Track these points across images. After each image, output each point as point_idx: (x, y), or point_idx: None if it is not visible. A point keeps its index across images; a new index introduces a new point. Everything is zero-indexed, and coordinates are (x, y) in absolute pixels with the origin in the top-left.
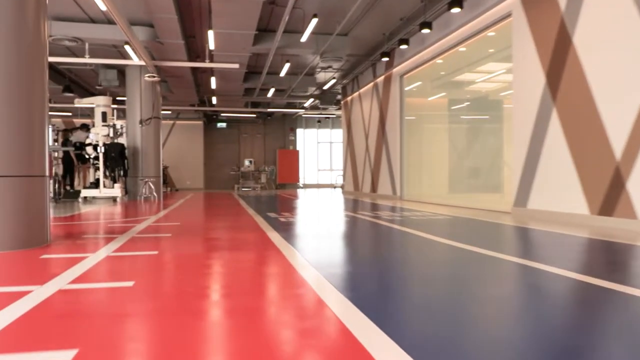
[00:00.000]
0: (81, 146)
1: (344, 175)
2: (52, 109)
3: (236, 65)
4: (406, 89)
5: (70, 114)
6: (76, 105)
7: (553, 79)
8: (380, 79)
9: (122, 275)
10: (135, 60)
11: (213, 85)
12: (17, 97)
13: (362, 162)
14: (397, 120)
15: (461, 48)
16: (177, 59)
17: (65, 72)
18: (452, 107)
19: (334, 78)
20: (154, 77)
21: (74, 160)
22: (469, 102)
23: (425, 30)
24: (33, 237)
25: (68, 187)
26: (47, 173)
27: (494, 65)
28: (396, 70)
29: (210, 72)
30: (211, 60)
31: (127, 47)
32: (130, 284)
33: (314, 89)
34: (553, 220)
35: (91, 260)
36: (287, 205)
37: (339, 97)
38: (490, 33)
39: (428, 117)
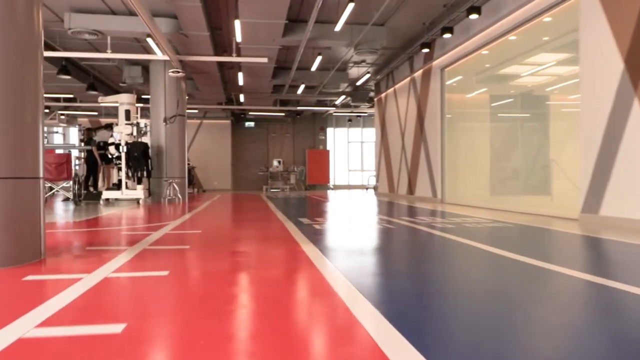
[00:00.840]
0: (105, 146)
1: (377, 176)
2: (77, 108)
3: (265, 59)
4: (447, 83)
5: (96, 113)
6: (100, 104)
7: (634, 65)
8: (418, 74)
9: (114, 312)
10: (158, 54)
11: (240, 82)
12: (4, 91)
13: (397, 162)
14: (437, 117)
15: (511, 36)
16: (203, 53)
17: (89, 69)
18: (496, 103)
19: (368, 73)
20: (178, 72)
21: (97, 161)
22: (515, 97)
23: (473, 16)
24: (23, 252)
25: (92, 189)
26: (41, 175)
27: (547, 55)
28: (436, 63)
29: (238, 67)
30: (238, 54)
31: (149, 41)
32: (119, 328)
33: (345, 85)
34: (636, 229)
35: (83, 284)
36: (319, 209)
37: (372, 94)
38: (546, 18)
39: (470, 113)
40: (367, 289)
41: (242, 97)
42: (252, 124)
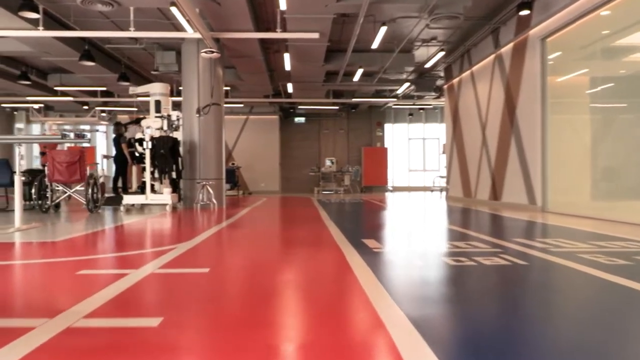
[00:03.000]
0: (135, 143)
1: (447, 177)
2: (116, 104)
3: (315, 35)
4: (551, 57)
5: (135, 109)
6: (132, 96)
7: None
8: (507, 49)
9: None
10: (189, 31)
11: (287, 66)
12: None
13: (475, 160)
14: (536, 103)
15: None
16: (241, 29)
17: (119, 56)
18: (618, 84)
19: (442, 50)
20: (212, 52)
21: (127, 159)
22: None
23: None
24: None
25: (120, 191)
26: None
27: None
28: (535, 31)
29: (284, 48)
30: (284, 29)
31: (178, 15)
32: None
33: (410, 70)
34: None
35: None
36: (386, 222)
37: (440, 82)
38: None
39: (580, 97)
40: None
41: (290, 87)
42: (302, 119)
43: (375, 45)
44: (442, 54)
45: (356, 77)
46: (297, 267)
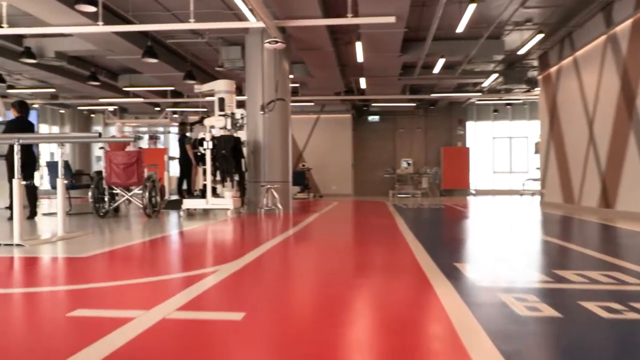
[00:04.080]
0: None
1: (542, 180)
2: (186, 104)
3: (391, 19)
4: None
5: (205, 109)
6: (199, 96)
7: None
8: (624, 27)
9: None
10: (251, 20)
11: (360, 57)
12: None
13: (579, 161)
14: None
15: None
16: (308, 15)
17: (184, 54)
18: None
19: (540, 33)
20: (277, 41)
21: (192, 161)
22: None
23: None
24: None
25: (185, 194)
26: None
27: None
28: None
29: (356, 37)
30: (355, 14)
31: (239, 3)
32: None
33: (499, 58)
34: None
35: None
36: (478, 235)
37: (532, 73)
38: None
39: None
40: None
41: (363, 82)
42: (376, 117)
43: (460, 28)
44: (539, 37)
45: (437, 69)
46: (371, 317)
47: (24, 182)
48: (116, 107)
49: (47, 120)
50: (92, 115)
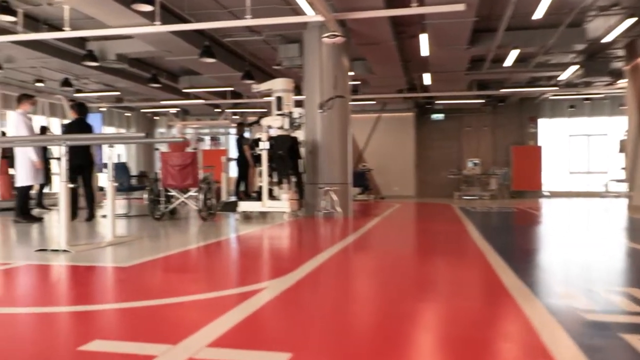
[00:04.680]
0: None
1: (630, 181)
2: (245, 105)
3: (461, 6)
4: None
5: (265, 110)
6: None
7: None
8: None
9: None
10: (309, 13)
11: (424, 50)
12: None
13: None
14: None
15: None
16: (369, 6)
17: (242, 53)
18: None
19: (632, 16)
20: (335, 35)
21: (249, 162)
22: None
23: None
24: None
25: (242, 196)
26: None
27: None
28: None
29: (421, 29)
30: (421, 4)
31: None
32: None
33: (580, 48)
34: None
35: None
36: (570, 245)
37: (617, 63)
38: None
39: None
40: None
41: (426, 78)
42: (440, 116)
43: (538, 15)
44: (628, 23)
45: (508, 62)
46: None
47: (71, 185)
48: (178, 109)
49: (114, 123)
50: (156, 118)
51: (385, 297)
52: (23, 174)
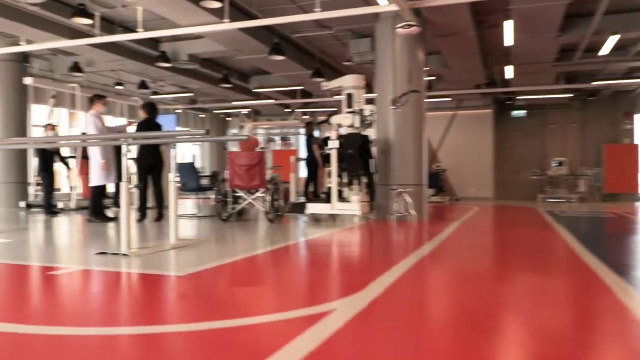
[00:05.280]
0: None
1: None
2: (315, 105)
3: None
4: None
5: (335, 109)
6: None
7: None
8: None
9: None
10: (382, 4)
11: (509, 40)
12: None
13: None
14: None
15: None
16: None
17: (312, 50)
18: None
19: None
20: (410, 26)
21: (318, 162)
22: None
23: None
24: None
25: (312, 197)
26: None
27: None
28: None
29: (505, 15)
30: None
31: None
32: None
33: None
34: None
35: None
36: None
37: None
38: None
39: None
40: None
41: (509, 72)
42: (522, 112)
43: None
44: None
45: (605, 50)
46: None
47: (132, 186)
48: (250, 109)
49: (189, 124)
50: (228, 119)
51: (476, 325)
52: (95, 174)
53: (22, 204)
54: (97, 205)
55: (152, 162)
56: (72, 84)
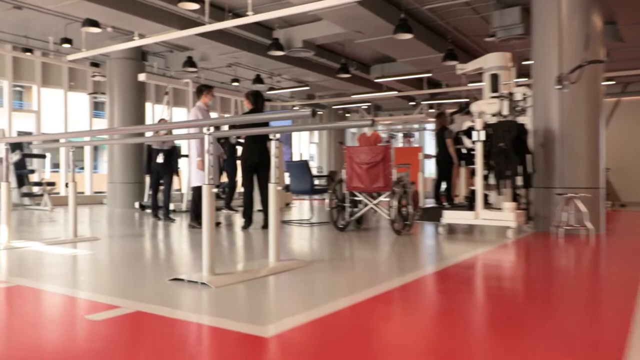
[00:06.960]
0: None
1: None
2: (443, 96)
3: None
4: None
5: (467, 100)
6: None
7: None
8: None
9: None
10: None
11: None
12: None
13: None
14: None
15: None
16: None
17: (446, 27)
18: None
19: None
20: None
21: (452, 159)
22: None
23: None
24: None
25: (444, 201)
26: None
27: None
28: None
29: None
30: None
31: None
32: None
33: None
34: None
35: None
36: None
37: None
38: None
39: None
40: None
41: None
42: None
43: None
44: None
45: None
46: None
47: (215, 190)
48: (369, 104)
49: (306, 121)
50: (347, 115)
51: None
52: (194, 173)
53: (137, 205)
54: (197, 209)
55: (257, 161)
56: (185, 79)
